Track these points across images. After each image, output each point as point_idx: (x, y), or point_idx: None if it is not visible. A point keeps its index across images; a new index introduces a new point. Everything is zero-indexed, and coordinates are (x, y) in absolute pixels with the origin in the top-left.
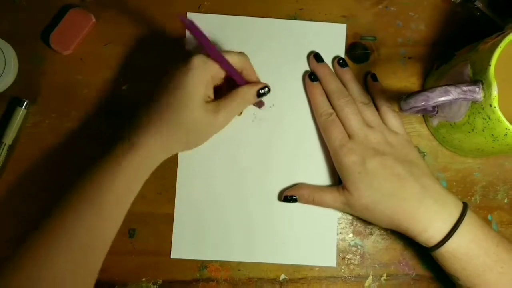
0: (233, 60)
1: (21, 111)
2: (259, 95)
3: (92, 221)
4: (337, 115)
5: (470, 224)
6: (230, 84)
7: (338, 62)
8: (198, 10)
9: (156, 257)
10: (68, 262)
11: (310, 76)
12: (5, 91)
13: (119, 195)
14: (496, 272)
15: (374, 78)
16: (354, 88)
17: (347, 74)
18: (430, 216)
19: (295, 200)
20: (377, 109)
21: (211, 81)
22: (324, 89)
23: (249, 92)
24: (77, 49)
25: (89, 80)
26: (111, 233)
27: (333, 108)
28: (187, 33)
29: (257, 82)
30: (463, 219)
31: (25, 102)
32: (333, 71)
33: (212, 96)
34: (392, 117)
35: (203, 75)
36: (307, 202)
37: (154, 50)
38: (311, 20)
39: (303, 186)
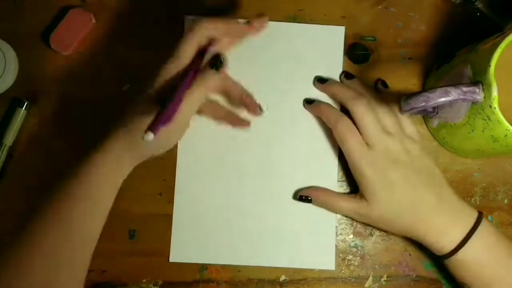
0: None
1: (21, 112)
2: (213, 65)
3: (59, 237)
4: (357, 123)
5: (483, 233)
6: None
7: (345, 76)
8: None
9: (157, 258)
10: (55, 260)
11: (310, 101)
12: (5, 92)
13: (87, 192)
14: (506, 282)
15: (385, 84)
16: (369, 95)
17: (357, 85)
18: (446, 226)
19: (309, 201)
20: None
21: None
22: (339, 99)
23: (200, 77)
24: (77, 49)
25: (89, 80)
26: (88, 230)
27: (352, 116)
28: (185, 30)
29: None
30: (477, 227)
31: (25, 103)
32: (341, 83)
33: None
34: (408, 124)
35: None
36: (321, 205)
37: (154, 51)
38: (310, 20)
39: (319, 188)
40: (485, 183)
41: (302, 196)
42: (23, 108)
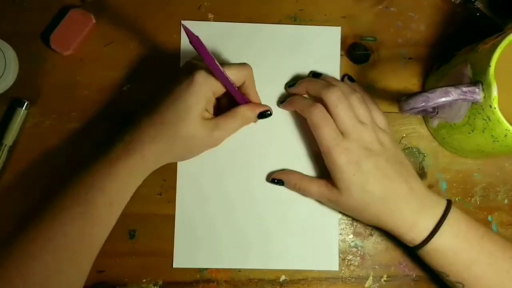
0: (234, 73)
1: (21, 112)
2: (260, 117)
3: (82, 222)
4: (330, 111)
5: (454, 220)
6: (231, 100)
7: (313, 76)
8: (198, 10)
9: (157, 258)
10: (57, 260)
11: (283, 101)
12: (5, 92)
13: (111, 198)
14: (483, 263)
15: (351, 79)
16: (342, 84)
17: (328, 77)
18: (415, 216)
19: (282, 183)
20: None
21: (212, 97)
22: (312, 91)
23: (250, 113)
24: (77, 49)
25: (89, 81)
26: (102, 234)
27: (325, 105)
28: (182, 37)
29: (258, 103)
30: (446, 216)
31: (26, 103)
32: (309, 79)
33: (211, 112)
34: (378, 114)
35: (204, 91)
36: (293, 188)
37: (154, 51)
38: (310, 20)
39: (292, 172)
40: (485, 183)
41: (274, 179)
42: (23, 108)
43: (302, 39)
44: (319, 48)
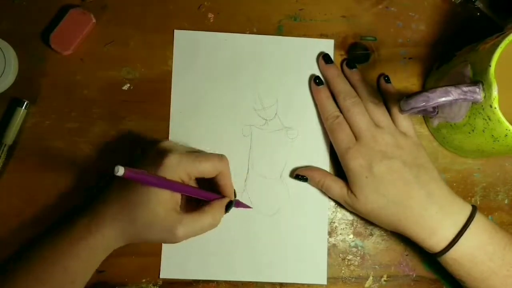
0: (208, 165)
1: (21, 111)
2: (226, 210)
3: None
4: (344, 117)
5: (476, 230)
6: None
7: (347, 64)
8: (198, 10)
9: (156, 258)
10: None
11: (315, 80)
12: (5, 91)
13: (73, 276)
14: (502, 275)
15: (387, 80)
16: (363, 88)
17: (356, 75)
18: (434, 223)
19: (305, 180)
20: (389, 111)
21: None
22: (331, 91)
23: (219, 208)
24: (77, 49)
25: (89, 80)
26: None
27: (340, 110)
28: (176, 45)
29: (225, 197)
30: (468, 225)
31: (25, 103)
32: (341, 72)
33: (179, 200)
34: (403, 120)
35: (171, 177)
36: (316, 185)
37: (154, 50)
38: (310, 20)
39: (316, 169)
40: (485, 183)
41: (298, 175)
42: (23, 108)
43: (295, 51)
44: (313, 60)
